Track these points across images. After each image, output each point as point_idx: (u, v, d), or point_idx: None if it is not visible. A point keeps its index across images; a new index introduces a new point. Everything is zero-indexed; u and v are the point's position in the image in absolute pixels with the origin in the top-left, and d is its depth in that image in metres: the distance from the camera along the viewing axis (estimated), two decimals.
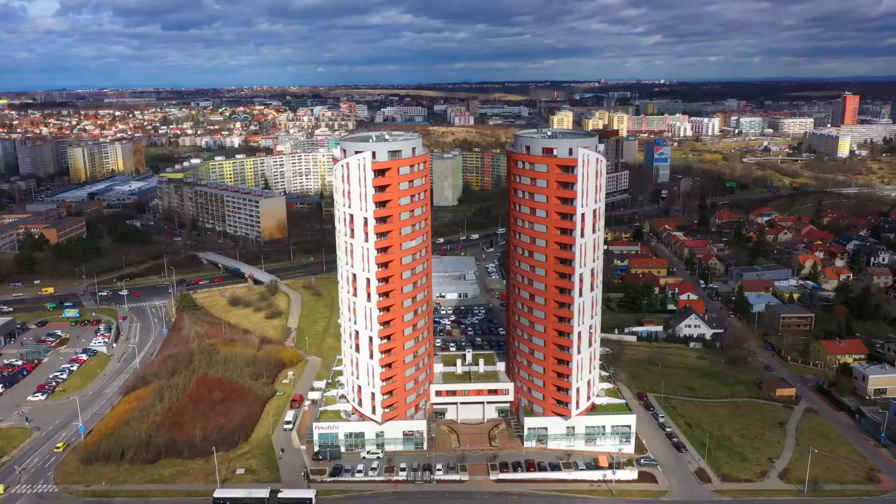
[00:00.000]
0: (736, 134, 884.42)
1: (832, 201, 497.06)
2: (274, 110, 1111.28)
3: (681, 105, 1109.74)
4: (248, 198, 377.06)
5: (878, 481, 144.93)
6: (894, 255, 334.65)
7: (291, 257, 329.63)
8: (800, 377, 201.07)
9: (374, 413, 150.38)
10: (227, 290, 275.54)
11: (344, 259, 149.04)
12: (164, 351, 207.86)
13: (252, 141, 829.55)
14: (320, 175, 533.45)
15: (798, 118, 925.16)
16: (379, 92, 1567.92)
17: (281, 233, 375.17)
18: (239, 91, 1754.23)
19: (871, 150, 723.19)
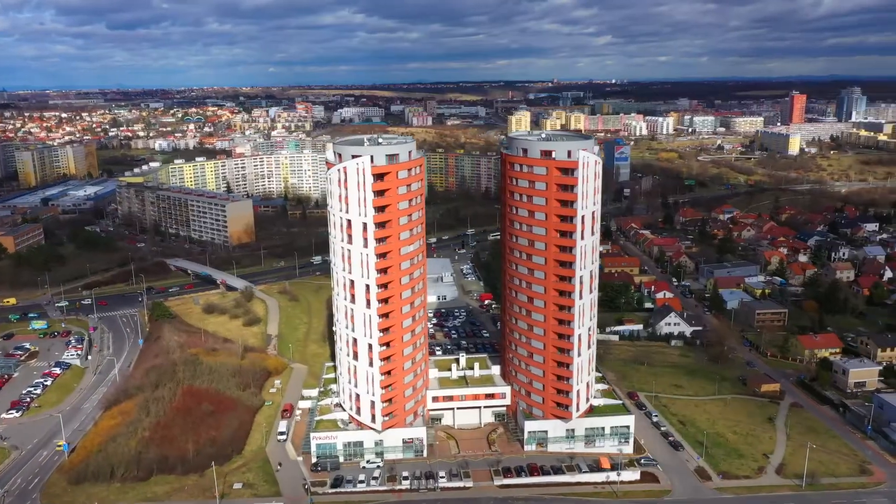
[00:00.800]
0: (690, 133, 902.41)
1: (788, 198, 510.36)
2: (228, 111, 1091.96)
3: (634, 105, 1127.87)
4: (213, 202, 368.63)
5: (871, 473, 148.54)
6: (853, 251, 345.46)
7: (262, 262, 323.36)
8: (780, 372, 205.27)
9: (374, 421, 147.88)
10: (200, 298, 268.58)
11: (340, 265, 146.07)
12: (141, 362, 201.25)
13: (207, 143, 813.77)
14: (283, 177, 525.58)
15: (748, 117, 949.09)
16: (334, 92, 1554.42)
17: (249, 237, 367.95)
18: (189, 92, 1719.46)
19: (820, 148, 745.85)
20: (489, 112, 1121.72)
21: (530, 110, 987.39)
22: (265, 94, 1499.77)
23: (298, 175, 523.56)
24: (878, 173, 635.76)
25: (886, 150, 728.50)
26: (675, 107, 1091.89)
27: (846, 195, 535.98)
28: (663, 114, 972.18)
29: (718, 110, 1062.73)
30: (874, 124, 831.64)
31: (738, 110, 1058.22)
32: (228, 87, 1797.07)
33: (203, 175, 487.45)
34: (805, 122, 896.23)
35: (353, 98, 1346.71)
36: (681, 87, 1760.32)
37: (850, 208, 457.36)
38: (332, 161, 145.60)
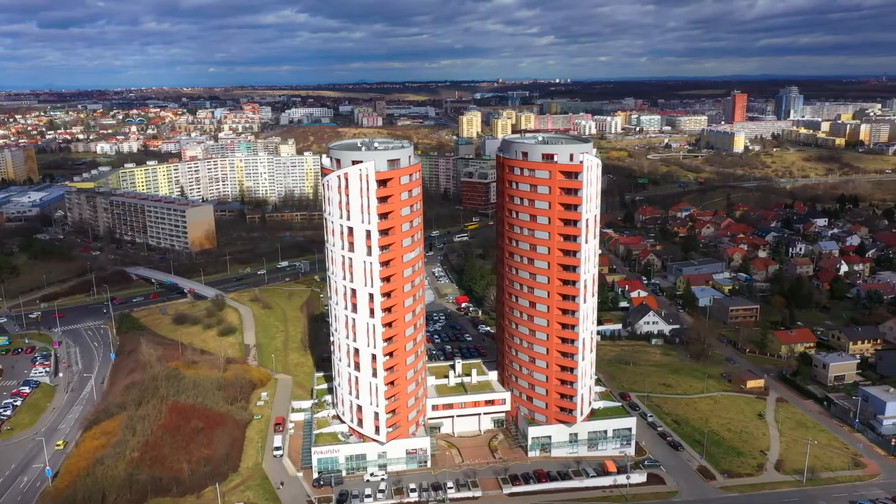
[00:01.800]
0: (638, 132, 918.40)
1: (739, 195, 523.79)
2: (171, 113, 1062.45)
3: (582, 104, 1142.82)
4: (172, 207, 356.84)
5: (864, 466, 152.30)
6: (809, 246, 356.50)
7: (228, 269, 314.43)
8: (760, 368, 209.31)
9: (378, 433, 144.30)
10: (168, 308, 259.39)
11: (340, 274, 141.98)
12: (116, 378, 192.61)
13: (152, 145, 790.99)
14: (238, 180, 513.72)
15: (692, 116, 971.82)
16: (279, 93, 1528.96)
17: (210, 243, 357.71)
18: (128, 93, 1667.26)
19: (763, 146, 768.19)
20: (439, 112, 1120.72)
21: (481, 110, 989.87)
22: (208, 95, 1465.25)
23: (254, 178, 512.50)
24: (818, 170, 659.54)
25: (825, 147, 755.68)
26: (622, 106, 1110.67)
27: (791, 191, 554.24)
28: (611, 113, 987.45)
29: (663, 109, 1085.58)
30: (812, 122, 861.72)
31: (681, 109, 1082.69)
32: (169, 88, 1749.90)
33: (155, 179, 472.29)
34: (747, 120, 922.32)
35: (300, 98, 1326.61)
36: (623, 86, 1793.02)
37: (799, 204, 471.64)
38: (328, 167, 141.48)
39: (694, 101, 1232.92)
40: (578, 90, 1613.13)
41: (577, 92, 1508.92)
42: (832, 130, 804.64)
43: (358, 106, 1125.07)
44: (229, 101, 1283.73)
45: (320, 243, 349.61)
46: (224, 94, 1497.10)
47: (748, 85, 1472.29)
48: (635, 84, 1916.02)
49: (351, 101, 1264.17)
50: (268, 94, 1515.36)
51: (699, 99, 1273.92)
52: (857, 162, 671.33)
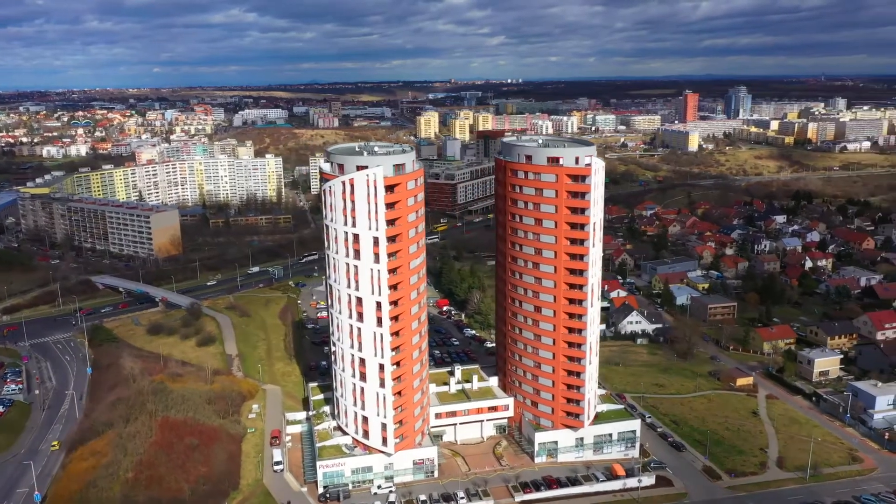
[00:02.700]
0: (593, 131, 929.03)
1: (699, 193, 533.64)
2: (119, 114, 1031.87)
3: (537, 104, 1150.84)
4: (135, 213, 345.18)
5: (861, 461, 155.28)
6: (773, 243, 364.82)
7: (198, 275, 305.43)
8: (745, 365, 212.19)
9: (386, 444, 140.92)
10: (140, 318, 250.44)
11: (344, 282, 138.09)
12: (96, 394, 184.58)
13: (101, 148, 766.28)
14: (198, 184, 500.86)
15: (646, 115, 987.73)
16: (230, 94, 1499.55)
17: (176, 249, 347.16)
18: (70, 94, 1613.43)
19: (717, 144, 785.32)
20: (395, 112, 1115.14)
21: (437, 111, 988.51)
22: (156, 96, 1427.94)
23: (214, 181, 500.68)
24: (770, 167, 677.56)
25: (775, 144, 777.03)
26: (576, 106, 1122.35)
27: (746, 188, 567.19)
28: (567, 113, 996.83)
29: (616, 109, 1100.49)
30: (762, 121, 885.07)
31: (634, 109, 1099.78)
32: (114, 89, 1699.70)
33: (112, 184, 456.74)
34: (699, 119, 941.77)
35: (252, 99, 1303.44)
36: (574, 86, 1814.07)
37: (757, 202, 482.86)
38: (329, 172, 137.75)
39: (645, 101, 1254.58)
40: (531, 90, 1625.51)
41: (529, 92, 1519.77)
42: (781, 129, 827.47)
43: (312, 107, 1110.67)
44: (179, 102, 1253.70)
45: (291, 248, 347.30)
46: (172, 95, 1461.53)
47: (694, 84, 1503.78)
48: (585, 84, 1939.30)
49: (304, 102, 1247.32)
50: (218, 94, 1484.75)
51: (650, 98, 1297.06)
52: (807, 159, 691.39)
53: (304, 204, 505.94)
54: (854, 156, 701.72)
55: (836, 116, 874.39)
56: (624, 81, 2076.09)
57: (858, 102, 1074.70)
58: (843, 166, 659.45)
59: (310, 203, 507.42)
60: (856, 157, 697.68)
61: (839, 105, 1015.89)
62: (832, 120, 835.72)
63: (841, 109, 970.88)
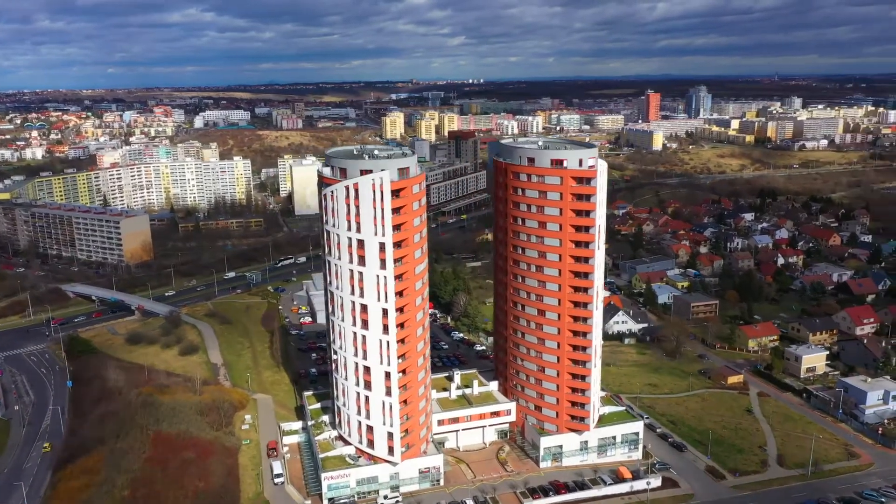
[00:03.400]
0: (558, 131, 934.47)
1: (667, 192, 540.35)
2: (75, 116, 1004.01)
3: (501, 104, 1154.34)
4: (104, 218, 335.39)
5: (858, 456, 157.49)
6: (745, 240, 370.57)
7: (173, 282, 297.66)
8: (732, 363, 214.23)
9: (392, 454, 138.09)
10: (117, 326, 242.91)
11: (347, 289, 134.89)
12: (79, 407, 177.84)
13: (57, 151, 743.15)
14: (164, 188, 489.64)
15: (609, 115, 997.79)
16: (188, 94, 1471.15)
17: (147, 255, 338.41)
18: (21, 95, 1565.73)
19: (680, 143, 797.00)
20: (359, 113, 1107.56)
21: (403, 111, 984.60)
22: (112, 98, 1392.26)
23: (181, 184, 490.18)
24: (733, 165, 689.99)
25: (737, 143, 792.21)
26: (540, 106, 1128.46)
27: (712, 186, 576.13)
28: (531, 113, 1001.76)
29: (579, 109, 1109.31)
30: (723, 120, 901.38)
31: (598, 109, 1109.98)
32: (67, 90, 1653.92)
33: (74, 188, 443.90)
34: (661, 119, 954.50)
35: (212, 100, 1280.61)
36: (535, 86, 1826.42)
37: (725, 200, 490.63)
38: (330, 176, 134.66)
39: (607, 101, 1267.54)
40: (493, 90, 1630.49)
41: (492, 92, 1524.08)
42: (742, 128, 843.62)
43: (275, 108, 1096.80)
44: (136, 103, 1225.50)
45: (265, 252, 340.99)
46: (129, 97, 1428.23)
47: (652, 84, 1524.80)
48: (546, 84, 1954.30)
49: (266, 103, 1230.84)
50: (176, 96, 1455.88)
51: (612, 98, 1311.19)
52: (768, 158, 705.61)
53: (273, 206, 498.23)
54: (812, 154, 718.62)
55: (794, 115, 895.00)
56: (584, 81, 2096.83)
57: (812, 102, 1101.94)
58: (803, 164, 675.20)
59: (279, 205, 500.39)
60: (814, 154, 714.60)
61: (795, 104, 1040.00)
62: (790, 119, 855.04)
63: (797, 109, 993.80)
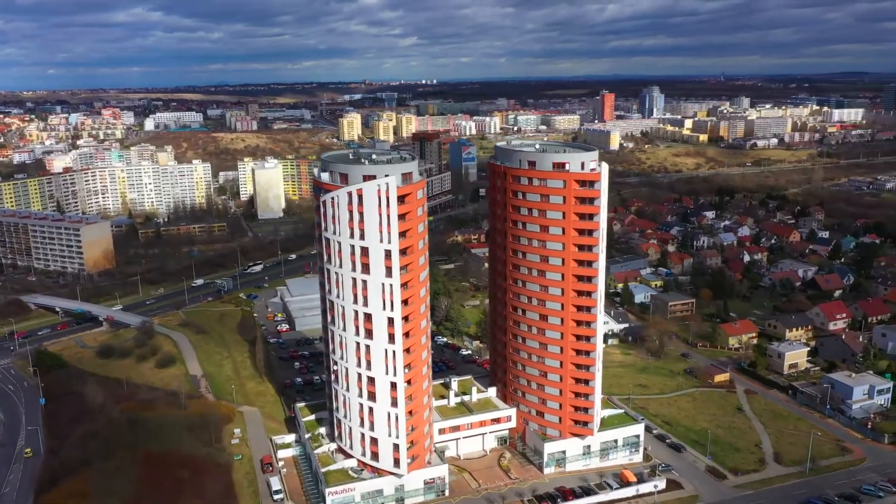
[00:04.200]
0: (516, 131, 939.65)
1: (629, 191, 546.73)
2: (17, 119, 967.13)
3: (457, 105, 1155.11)
4: (63, 225, 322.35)
5: (850, 451, 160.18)
6: (711, 238, 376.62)
7: (140, 291, 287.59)
8: (715, 361, 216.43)
9: (398, 466, 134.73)
10: (85, 339, 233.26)
11: (350, 297, 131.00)
12: (55, 426, 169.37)
13: (2, 156, 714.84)
14: (121, 193, 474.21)
15: (566, 115, 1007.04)
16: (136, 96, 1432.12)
17: (109, 263, 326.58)
18: None
19: (636, 143, 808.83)
20: (314, 114, 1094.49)
21: (359, 112, 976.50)
22: (55, 99, 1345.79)
23: (138, 189, 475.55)
24: (689, 164, 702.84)
25: (691, 142, 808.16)
26: (496, 106, 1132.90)
27: (669, 185, 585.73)
28: (488, 113, 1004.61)
29: (535, 109, 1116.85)
30: (677, 120, 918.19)
31: (553, 109, 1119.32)
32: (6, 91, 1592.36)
33: (26, 194, 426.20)
34: (616, 118, 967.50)
35: (161, 102, 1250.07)
36: (488, 86, 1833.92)
37: (686, 198, 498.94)
38: (329, 182, 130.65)
39: (561, 101, 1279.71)
40: (447, 91, 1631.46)
41: (446, 93, 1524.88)
42: (695, 127, 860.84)
43: (228, 109, 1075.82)
44: (82, 105, 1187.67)
45: (233, 258, 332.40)
46: (73, 98, 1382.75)
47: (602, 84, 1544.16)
48: (499, 84, 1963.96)
49: (218, 105, 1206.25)
50: (123, 97, 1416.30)
51: (565, 99, 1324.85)
52: (721, 156, 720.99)
53: (235, 210, 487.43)
54: (764, 152, 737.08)
55: (744, 115, 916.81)
56: (537, 81, 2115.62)
57: (759, 101, 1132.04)
58: (755, 162, 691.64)
59: (241, 209, 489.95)
60: (765, 153, 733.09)
61: (744, 104, 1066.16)
62: (741, 118, 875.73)
63: (746, 108, 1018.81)
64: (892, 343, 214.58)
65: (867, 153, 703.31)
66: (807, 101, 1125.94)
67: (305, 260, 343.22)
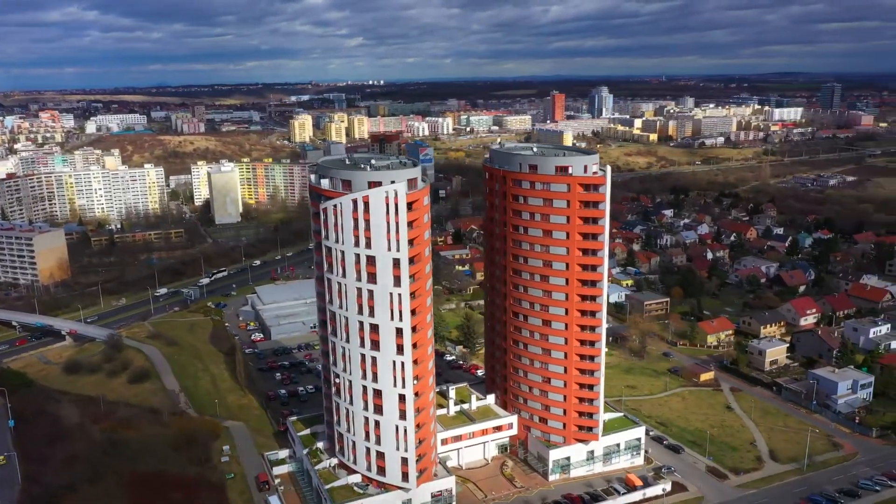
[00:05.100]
0: (468, 132, 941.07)
1: None
2: None
3: (408, 106, 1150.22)
4: (13, 234, 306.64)
5: (841, 446, 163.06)
6: (673, 237, 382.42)
7: (101, 302, 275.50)
8: (697, 359, 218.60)
9: (406, 480, 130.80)
10: (48, 354, 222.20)
11: (354, 308, 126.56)
12: (28, 449, 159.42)
13: None
14: (68, 199, 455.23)
15: (517, 115, 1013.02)
16: (77, 98, 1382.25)
17: (63, 273, 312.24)
18: None
19: (588, 142, 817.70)
20: (263, 116, 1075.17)
21: (310, 114, 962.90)
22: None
23: (87, 195, 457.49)
24: (640, 163, 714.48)
25: (641, 142, 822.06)
26: (447, 107, 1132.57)
27: (624, 184, 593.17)
28: (440, 114, 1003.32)
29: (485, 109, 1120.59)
30: (627, 120, 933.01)
31: (503, 109, 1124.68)
32: None
33: None
34: (566, 118, 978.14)
35: (101, 104, 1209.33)
36: (436, 87, 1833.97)
37: (643, 197, 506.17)
38: (330, 188, 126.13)
39: (511, 102, 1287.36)
40: (395, 91, 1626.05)
41: (395, 93, 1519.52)
42: (645, 127, 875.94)
43: (173, 111, 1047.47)
44: (16, 107, 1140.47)
45: (194, 265, 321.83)
46: (6, 100, 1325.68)
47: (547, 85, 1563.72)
48: (446, 84, 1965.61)
49: (162, 106, 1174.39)
50: (61, 99, 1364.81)
51: (515, 99, 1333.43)
52: (671, 155, 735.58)
53: (190, 216, 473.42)
54: (712, 151, 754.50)
55: (691, 115, 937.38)
56: (484, 82, 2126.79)
57: (703, 101, 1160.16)
58: (704, 161, 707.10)
59: (196, 214, 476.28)
60: (713, 151, 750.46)
61: (689, 104, 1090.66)
62: (689, 118, 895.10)
63: (692, 108, 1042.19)
64: (863, 337, 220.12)
65: (809, 151, 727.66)
66: (748, 100, 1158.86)
67: (270, 266, 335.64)
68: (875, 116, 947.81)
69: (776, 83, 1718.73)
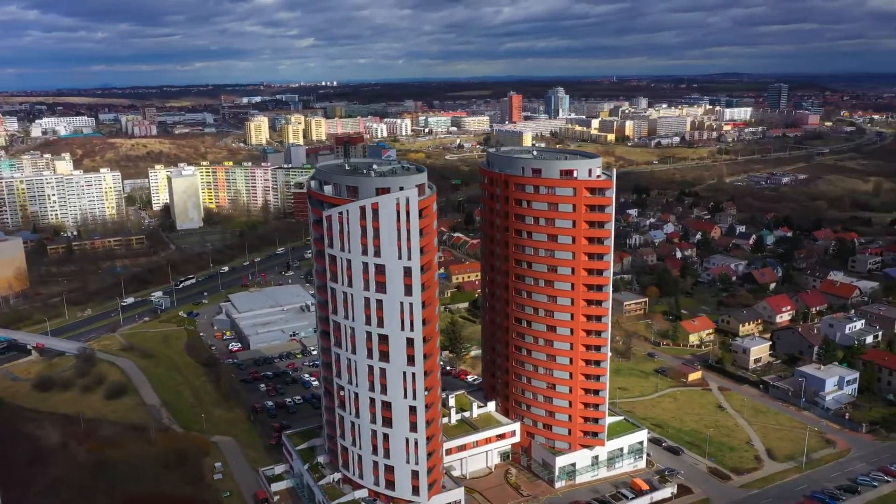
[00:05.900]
0: (427, 133, 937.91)
1: None
2: None
3: (364, 107, 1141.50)
4: None
5: (835, 443, 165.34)
6: (641, 237, 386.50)
7: (66, 313, 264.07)
8: (681, 359, 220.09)
9: (417, 493, 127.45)
10: (14, 370, 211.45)
11: (361, 318, 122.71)
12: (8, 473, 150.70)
13: None
14: (20, 205, 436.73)
15: (475, 116, 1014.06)
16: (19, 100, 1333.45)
17: (21, 284, 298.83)
18: None
19: (547, 143, 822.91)
20: (217, 118, 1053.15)
21: (265, 115, 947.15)
22: None
23: (40, 201, 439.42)
24: None
25: (599, 141, 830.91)
26: (404, 108, 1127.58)
27: None
28: (398, 115, 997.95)
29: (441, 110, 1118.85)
30: (584, 120, 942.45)
31: (461, 110, 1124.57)
32: None
33: None
34: (524, 119, 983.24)
35: (46, 106, 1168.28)
36: (390, 87, 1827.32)
37: None
38: (334, 195, 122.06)
39: (466, 102, 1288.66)
40: (349, 93, 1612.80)
41: (349, 94, 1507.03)
42: (602, 127, 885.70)
43: (122, 113, 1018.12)
44: None
45: (160, 273, 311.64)
46: None
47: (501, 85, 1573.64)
48: (400, 85, 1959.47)
49: (110, 108, 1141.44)
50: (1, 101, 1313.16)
51: (470, 100, 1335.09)
52: (629, 155, 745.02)
53: (150, 221, 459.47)
54: (668, 150, 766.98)
55: (645, 115, 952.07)
56: (438, 83, 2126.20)
57: (655, 101, 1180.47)
58: (661, 160, 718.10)
59: (156, 220, 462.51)
60: (669, 151, 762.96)
61: (642, 104, 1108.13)
62: (644, 118, 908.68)
63: (645, 108, 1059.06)
64: (839, 333, 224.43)
65: (761, 150, 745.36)
66: (699, 100, 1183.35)
67: (239, 272, 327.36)
68: (821, 116, 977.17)
69: (722, 83, 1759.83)
